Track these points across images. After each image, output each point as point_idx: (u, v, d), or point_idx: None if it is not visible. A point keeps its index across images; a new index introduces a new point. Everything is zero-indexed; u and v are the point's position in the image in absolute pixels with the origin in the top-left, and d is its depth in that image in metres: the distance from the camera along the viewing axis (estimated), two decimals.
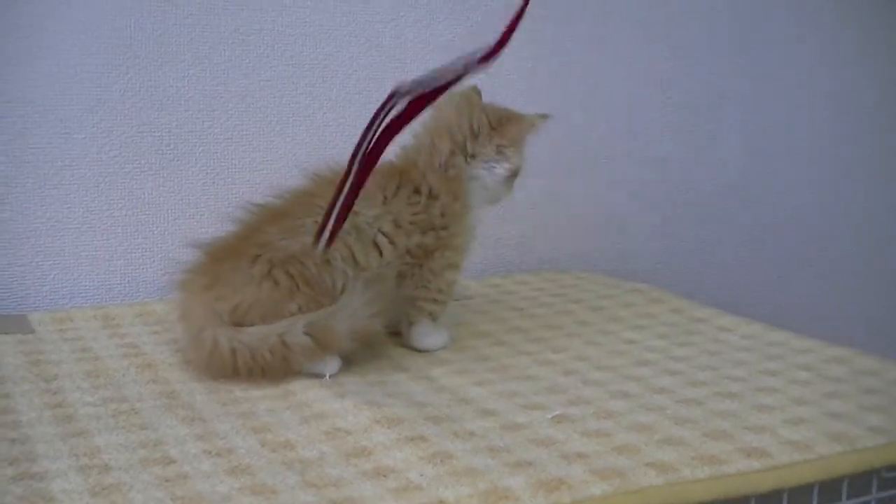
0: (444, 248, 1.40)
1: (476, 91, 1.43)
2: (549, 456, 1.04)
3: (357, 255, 1.34)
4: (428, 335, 1.43)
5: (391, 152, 1.31)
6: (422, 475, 0.99)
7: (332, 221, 1.15)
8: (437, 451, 1.05)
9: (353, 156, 1.13)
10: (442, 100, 1.20)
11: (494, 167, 1.41)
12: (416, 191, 1.39)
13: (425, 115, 1.39)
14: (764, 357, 1.41)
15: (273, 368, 1.26)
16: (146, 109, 1.67)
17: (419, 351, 1.41)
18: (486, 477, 0.98)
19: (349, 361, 1.32)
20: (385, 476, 1.00)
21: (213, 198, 1.69)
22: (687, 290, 1.82)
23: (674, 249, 2.17)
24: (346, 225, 1.27)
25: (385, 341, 1.40)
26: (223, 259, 1.33)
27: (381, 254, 1.36)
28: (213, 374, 1.27)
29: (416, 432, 1.10)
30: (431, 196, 1.39)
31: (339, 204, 1.14)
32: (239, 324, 1.29)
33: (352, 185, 1.13)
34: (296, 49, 1.75)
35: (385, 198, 1.37)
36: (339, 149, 1.43)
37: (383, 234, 1.36)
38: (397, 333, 1.44)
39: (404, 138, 1.44)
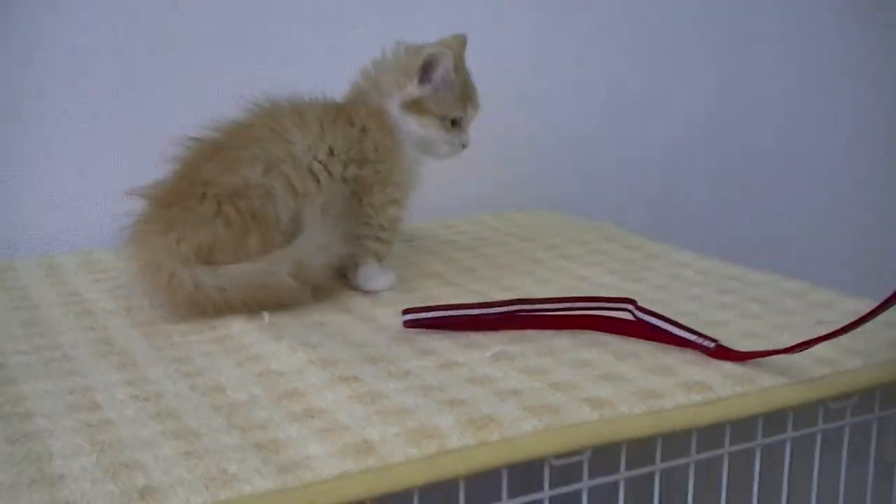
0: (382, 182, 1.39)
1: (459, 40, 1.44)
2: (484, 394, 1.01)
3: (295, 183, 1.33)
4: (373, 277, 1.40)
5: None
6: (350, 415, 0.97)
7: None
8: (369, 390, 1.02)
9: None
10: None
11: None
12: (350, 123, 1.39)
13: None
14: (717, 291, 1.39)
15: (262, 303, 1.27)
16: (88, 51, 1.62)
17: (365, 292, 1.39)
18: (415, 416, 0.96)
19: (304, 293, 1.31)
20: (313, 417, 0.97)
21: (164, 139, 1.65)
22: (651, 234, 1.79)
23: (638, 193, 2.14)
24: (282, 153, 1.33)
25: (332, 283, 1.37)
26: (171, 203, 1.31)
27: (318, 181, 1.35)
28: (193, 314, 1.27)
29: (349, 373, 1.07)
30: (364, 130, 1.39)
31: None
32: (208, 264, 1.28)
33: None
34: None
35: (321, 128, 1.37)
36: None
37: (319, 162, 1.35)
38: (344, 276, 1.41)
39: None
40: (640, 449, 1.01)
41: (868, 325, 1.18)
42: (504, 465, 0.93)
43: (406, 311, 1.21)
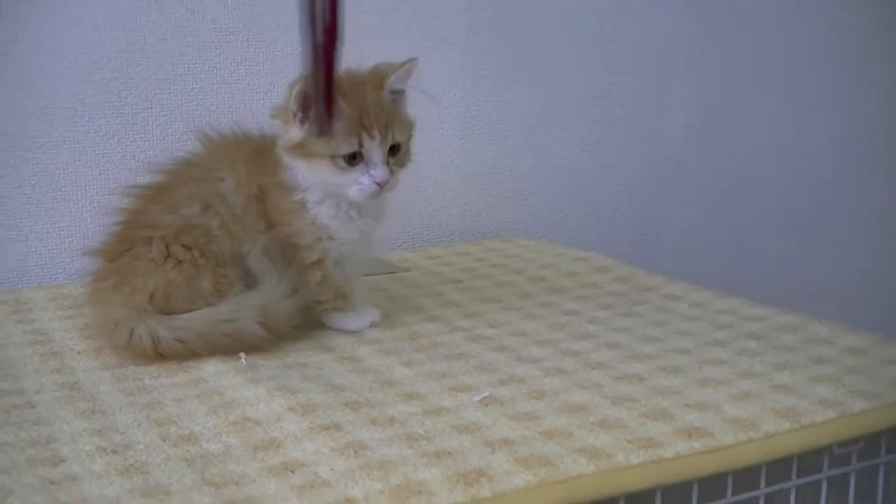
0: (292, 246, 1.29)
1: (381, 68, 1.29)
2: (472, 444, 0.96)
3: (229, 224, 1.27)
4: (347, 319, 1.33)
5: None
6: (331, 469, 0.91)
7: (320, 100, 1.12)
8: (351, 441, 0.96)
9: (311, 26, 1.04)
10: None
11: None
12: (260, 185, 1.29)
13: None
14: (713, 326, 1.34)
15: (225, 349, 1.22)
16: (56, 80, 1.56)
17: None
18: (399, 470, 0.90)
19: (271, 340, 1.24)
20: (292, 471, 0.92)
21: (134, 172, 1.59)
22: (638, 261, 1.74)
23: (624, 219, 2.09)
24: (214, 192, 1.26)
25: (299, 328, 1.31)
26: (120, 254, 1.27)
27: (250, 223, 1.28)
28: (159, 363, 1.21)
29: (330, 420, 1.01)
30: (262, 190, 1.28)
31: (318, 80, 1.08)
32: (166, 313, 1.23)
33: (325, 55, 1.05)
34: (217, 12, 1.65)
35: (247, 165, 1.29)
36: (266, 115, 1.35)
37: (247, 202, 1.28)
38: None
39: None
40: (639, 500, 0.95)
41: (871, 363, 1.13)
42: None
43: None
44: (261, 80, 1.69)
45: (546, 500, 0.89)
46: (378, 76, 1.27)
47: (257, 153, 1.30)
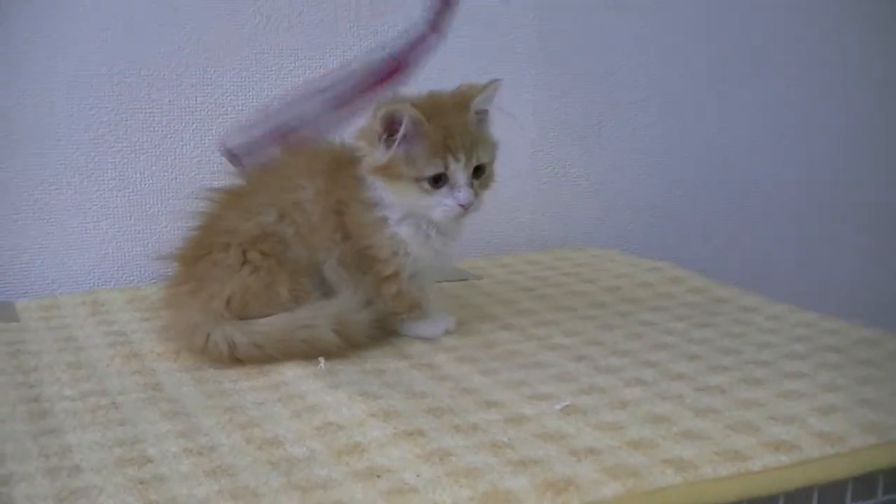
0: (370, 259, 1.29)
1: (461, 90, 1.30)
2: (557, 453, 0.95)
3: (304, 233, 1.27)
4: (422, 326, 1.34)
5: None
6: (418, 475, 0.91)
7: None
8: (436, 447, 0.96)
9: None
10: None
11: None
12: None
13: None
14: (791, 339, 1.32)
15: (301, 355, 1.22)
16: (135, 85, 1.59)
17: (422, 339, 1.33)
18: (486, 477, 0.90)
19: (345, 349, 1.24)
20: (378, 477, 0.92)
21: (209, 176, 1.61)
22: (704, 271, 1.72)
23: (688, 230, 2.07)
24: (292, 201, 1.28)
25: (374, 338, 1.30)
26: (197, 259, 1.28)
27: (327, 233, 1.28)
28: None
29: (413, 426, 1.02)
30: (341, 203, 1.29)
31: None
32: (243, 318, 1.24)
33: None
34: (293, 19, 1.67)
35: (329, 176, 1.29)
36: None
37: (326, 212, 1.28)
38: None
39: None
40: None
41: None
42: None
43: None
44: None
45: None
46: (463, 98, 1.27)
47: (338, 165, 1.30)
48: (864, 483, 1.01)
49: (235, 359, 1.22)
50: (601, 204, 1.98)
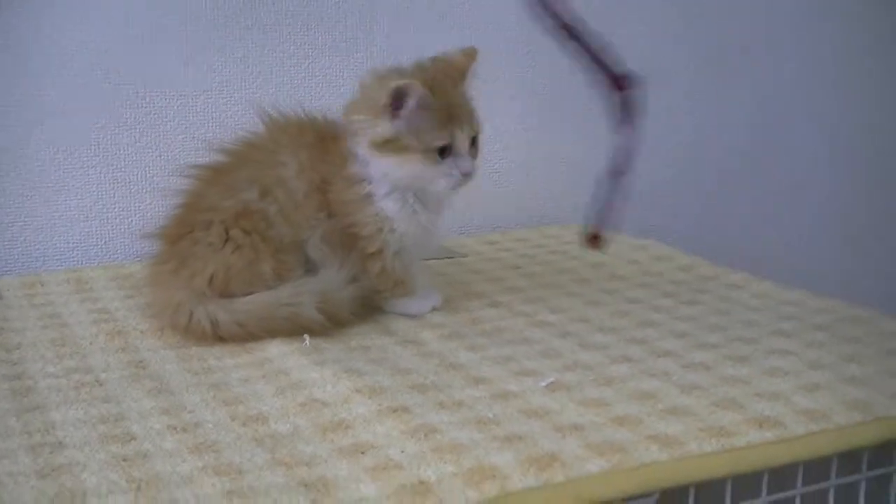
0: (353, 236, 1.28)
1: (455, 57, 1.30)
2: (542, 428, 0.95)
3: (288, 210, 1.26)
4: (408, 303, 1.33)
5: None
6: (402, 451, 0.91)
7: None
8: (421, 423, 0.96)
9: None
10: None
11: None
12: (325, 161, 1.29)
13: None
14: (777, 317, 1.32)
15: (284, 333, 1.22)
16: (120, 60, 1.57)
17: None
18: (471, 453, 0.90)
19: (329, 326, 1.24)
20: (363, 453, 0.91)
21: (193, 153, 1.60)
22: (694, 251, 1.72)
23: (681, 209, 2.07)
24: (274, 177, 1.26)
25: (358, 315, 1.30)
26: (180, 237, 1.27)
27: (311, 210, 1.27)
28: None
29: (398, 403, 1.01)
30: (325, 182, 1.28)
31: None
32: (226, 296, 1.23)
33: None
34: None
35: (311, 152, 1.28)
36: (325, 100, 1.35)
37: (309, 188, 1.27)
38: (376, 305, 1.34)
39: None
40: (708, 490, 0.94)
41: None
42: None
43: None
44: (320, 63, 1.69)
45: (620, 487, 0.88)
46: (458, 68, 1.27)
47: (322, 140, 1.29)
48: (849, 459, 1.02)
49: (219, 337, 1.21)
50: (590, 181, 1.97)
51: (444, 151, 1.24)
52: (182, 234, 1.27)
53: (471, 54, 1.28)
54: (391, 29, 1.74)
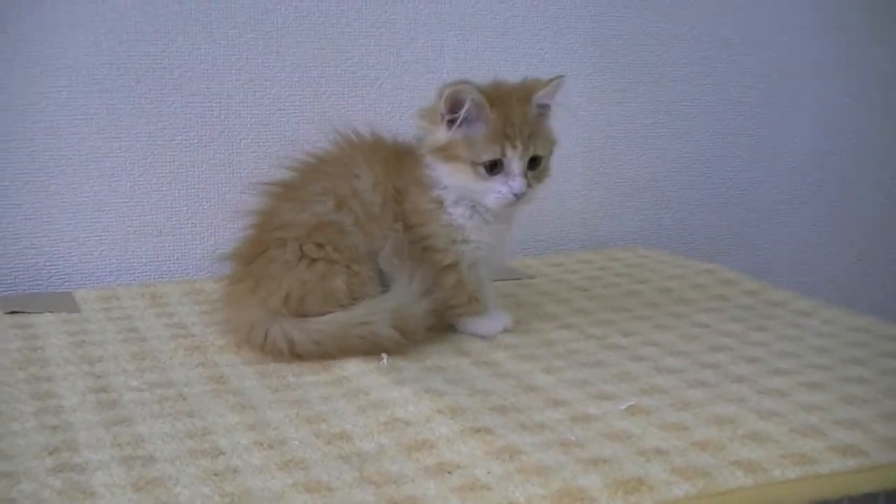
0: (429, 249, 1.30)
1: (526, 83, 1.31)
2: (625, 452, 0.96)
3: (362, 221, 1.28)
4: (480, 323, 1.34)
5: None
6: (489, 472, 0.92)
7: None
8: (504, 445, 0.97)
9: None
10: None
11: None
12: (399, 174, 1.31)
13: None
14: (847, 344, 1.32)
15: (359, 351, 1.23)
16: (194, 79, 1.60)
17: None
18: (558, 475, 0.90)
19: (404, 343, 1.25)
20: (449, 473, 0.93)
21: (266, 170, 1.62)
22: (754, 273, 1.73)
23: (739, 230, 2.07)
24: (349, 189, 1.28)
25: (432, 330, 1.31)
26: (254, 257, 1.29)
27: (384, 222, 1.29)
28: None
29: (480, 424, 1.02)
30: (399, 191, 1.30)
31: None
32: (301, 314, 1.25)
33: None
34: (351, 16, 1.68)
35: (386, 166, 1.31)
36: (398, 118, 1.37)
37: (383, 201, 1.29)
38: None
39: None
40: None
41: None
42: None
43: None
44: (391, 83, 1.71)
45: None
46: (526, 90, 1.28)
47: (395, 156, 1.32)
48: None
49: (295, 355, 1.22)
50: (651, 204, 1.98)
51: (494, 167, 1.25)
52: (257, 253, 1.29)
53: (551, 80, 1.29)
54: (459, 49, 1.76)
